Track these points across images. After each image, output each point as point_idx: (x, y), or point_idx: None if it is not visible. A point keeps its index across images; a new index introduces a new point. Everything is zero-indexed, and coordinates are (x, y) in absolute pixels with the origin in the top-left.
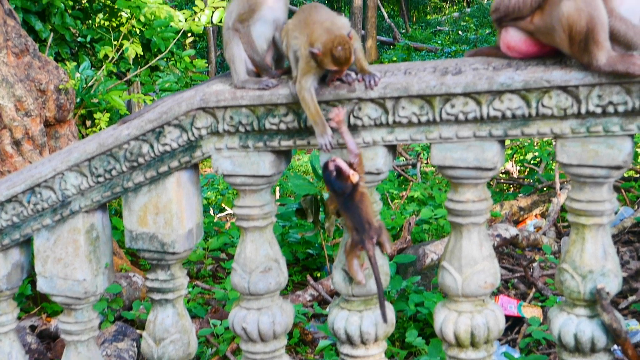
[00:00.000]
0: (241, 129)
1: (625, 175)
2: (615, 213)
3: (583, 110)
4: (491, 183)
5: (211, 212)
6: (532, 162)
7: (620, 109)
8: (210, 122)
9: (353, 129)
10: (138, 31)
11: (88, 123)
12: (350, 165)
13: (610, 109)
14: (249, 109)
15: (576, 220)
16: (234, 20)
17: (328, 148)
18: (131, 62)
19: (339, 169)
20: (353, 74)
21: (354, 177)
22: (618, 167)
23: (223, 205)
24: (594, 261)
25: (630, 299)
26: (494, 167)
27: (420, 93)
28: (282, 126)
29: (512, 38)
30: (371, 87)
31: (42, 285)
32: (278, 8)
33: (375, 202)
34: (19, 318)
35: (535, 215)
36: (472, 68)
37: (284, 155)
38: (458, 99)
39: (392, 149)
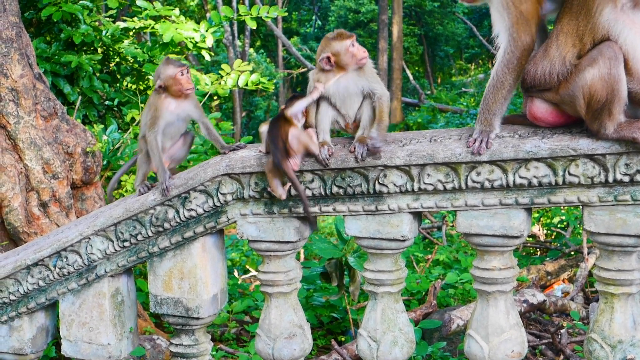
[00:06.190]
0: (266, 195)
1: None
2: None
3: (610, 179)
4: (518, 247)
5: (235, 274)
6: (559, 225)
7: None
8: (235, 188)
9: (378, 195)
10: None
11: None
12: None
13: (638, 177)
14: None
15: (605, 289)
16: None
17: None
18: None
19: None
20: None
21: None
22: None
23: (247, 267)
24: (624, 331)
25: None
26: (521, 235)
27: (446, 161)
28: (307, 192)
29: (539, 109)
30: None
31: (66, 349)
32: None
33: (401, 269)
34: None
35: (563, 280)
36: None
37: (309, 221)
38: (484, 167)
39: (417, 215)
